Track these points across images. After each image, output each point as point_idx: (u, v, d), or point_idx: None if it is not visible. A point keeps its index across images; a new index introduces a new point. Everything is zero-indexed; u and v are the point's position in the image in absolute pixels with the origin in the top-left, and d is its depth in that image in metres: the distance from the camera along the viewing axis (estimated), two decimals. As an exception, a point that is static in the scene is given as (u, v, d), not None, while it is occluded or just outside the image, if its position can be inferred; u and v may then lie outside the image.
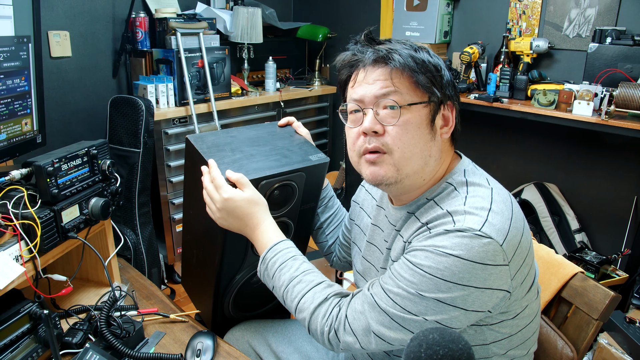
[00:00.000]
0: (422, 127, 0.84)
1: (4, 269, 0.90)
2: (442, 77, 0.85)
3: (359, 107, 0.87)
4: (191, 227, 1.23)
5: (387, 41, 0.88)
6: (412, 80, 0.83)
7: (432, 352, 0.61)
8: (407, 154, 0.83)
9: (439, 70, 0.85)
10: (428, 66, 0.84)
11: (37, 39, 1.26)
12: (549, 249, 1.10)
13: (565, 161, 2.38)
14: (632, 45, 1.90)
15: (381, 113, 0.84)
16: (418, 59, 0.84)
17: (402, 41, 0.88)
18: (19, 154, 1.26)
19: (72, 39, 2.19)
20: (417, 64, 0.83)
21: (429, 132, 0.85)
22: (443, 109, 0.87)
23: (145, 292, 1.29)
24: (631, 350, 1.58)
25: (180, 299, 2.40)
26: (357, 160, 0.89)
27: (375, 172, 0.85)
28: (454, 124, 0.89)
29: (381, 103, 0.84)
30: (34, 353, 0.96)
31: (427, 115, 0.84)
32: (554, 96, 2.01)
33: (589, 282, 0.99)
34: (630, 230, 2.14)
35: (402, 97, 0.83)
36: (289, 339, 1.18)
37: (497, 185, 0.87)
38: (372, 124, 0.83)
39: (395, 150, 0.83)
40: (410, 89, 0.84)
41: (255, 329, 1.20)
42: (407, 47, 0.85)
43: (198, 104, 2.33)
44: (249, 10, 2.53)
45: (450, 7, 2.58)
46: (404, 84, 0.83)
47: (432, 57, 0.86)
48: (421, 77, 0.83)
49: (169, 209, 2.33)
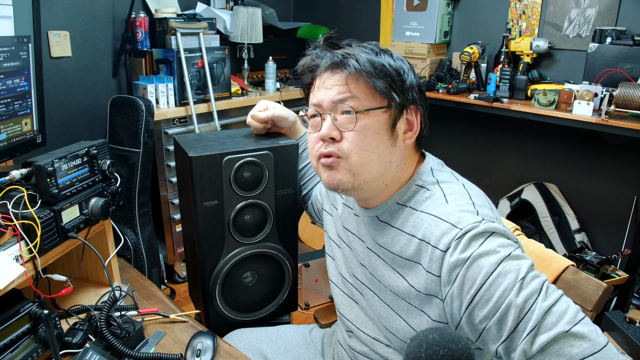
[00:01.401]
0: (381, 132, 0.82)
1: (4, 269, 0.90)
2: (403, 81, 0.83)
3: (317, 112, 0.86)
4: (186, 224, 1.25)
5: (347, 45, 0.87)
6: (369, 86, 0.81)
7: (432, 352, 0.61)
8: (364, 159, 0.82)
9: (400, 74, 0.83)
10: (388, 70, 0.82)
11: (37, 39, 1.25)
12: (539, 244, 1.10)
13: (565, 161, 2.38)
14: (632, 45, 1.90)
15: (339, 119, 0.83)
16: (377, 63, 0.81)
17: (363, 44, 0.86)
18: (19, 154, 1.26)
19: (72, 39, 2.19)
20: (375, 69, 0.81)
21: (388, 137, 0.83)
22: (406, 114, 0.86)
23: (145, 292, 1.29)
24: (631, 350, 1.58)
25: (180, 299, 2.40)
26: (316, 165, 0.88)
27: (332, 177, 0.84)
28: (419, 129, 0.88)
29: (339, 108, 0.82)
30: (34, 353, 0.96)
31: (387, 120, 0.83)
32: (554, 96, 2.01)
33: (580, 275, 0.99)
34: (630, 230, 2.14)
35: (359, 102, 0.81)
36: (285, 348, 1.17)
37: (463, 179, 0.88)
38: (329, 130, 0.83)
39: (351, 155, 0.82)
40: (367, 94, 0.82)
41: (248, 339, 1.19)
42: (368, 51, 0.84)
43: (198, 104, 2.33)
44: (249, 10, 2.53)
45: (450, 7, 2.58)
46: (361, 89, 0.82)
47: (395, 61, 0.84)
48: (379, 82, 0.81)
49: (169, 209, 2.33)
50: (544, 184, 2.39)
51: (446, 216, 0.79)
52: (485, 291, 0.72)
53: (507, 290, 0.70)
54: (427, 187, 0.86)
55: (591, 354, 0.65)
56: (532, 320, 0.68)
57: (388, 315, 0.89)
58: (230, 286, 1.20)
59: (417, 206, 0.84)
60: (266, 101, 1.22)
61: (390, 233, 0.88)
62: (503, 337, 0.71)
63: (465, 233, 0.75)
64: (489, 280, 0.72)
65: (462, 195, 0.83)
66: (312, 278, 2.30)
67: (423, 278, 0.80)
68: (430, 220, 0.80)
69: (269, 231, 1.20)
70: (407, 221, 0.85)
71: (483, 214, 0.78)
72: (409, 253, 0.83)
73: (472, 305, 0.73)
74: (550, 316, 0.68)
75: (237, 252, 1.17)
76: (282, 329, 1.24)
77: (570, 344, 0.66)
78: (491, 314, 0.71)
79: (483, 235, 0.75)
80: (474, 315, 0.74)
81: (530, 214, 2.37)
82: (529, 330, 0.68)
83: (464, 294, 0.74)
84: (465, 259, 0.73)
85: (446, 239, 0.76)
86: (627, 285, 1.95)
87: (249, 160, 1.11)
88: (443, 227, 0.78)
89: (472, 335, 0.77)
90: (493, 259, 0.72)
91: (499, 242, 0.74)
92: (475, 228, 0.75)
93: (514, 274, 0.71)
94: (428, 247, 0.79)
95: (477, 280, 0.72)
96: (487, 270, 0.72)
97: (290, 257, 1.25)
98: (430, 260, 0.79)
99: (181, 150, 1.14)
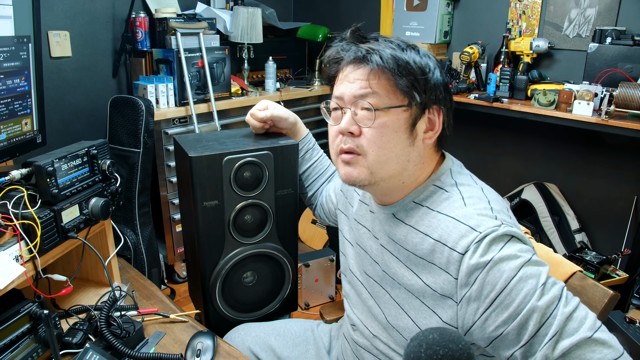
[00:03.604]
0: (400, 131, 0.81)
1: (4, 269, 0.90)
2: (427, 80, 0.81)
3: (338, 105, 0.86)
4: (186, 224, 1.25)
5: (372, 39, 0.85)
6: (391, 83, 0.80)
7: (432, 352, 0.61)
8: (382, 157, 0.81)
9: (425, 72, 0.81)
10: (411, 68, 0.80)
11: (37, 39, 1.25)
12: (548, 248, 1.10)
13: (565, 161, 2.38)
14: (632, 45, 1.90)
15: (359, 114, 0.82)
16: (401, 60, 0.79)
17: (390, 39, 0.84)
18: (19, 154, 1.26)
19: (72, 39, 2.19)
20: (399, 66, 0.79)
21: (407, 136, 0.82)
22: (428, 113, 0.84)
23: (145, 292, 1.29)
24: (631, 350, 1.58)
25: (180, 299, 2.40)
26: (335, 158, 0.89)
27: (349, 173, 0.85)
28: (441, 129, 0.86)
29: (359, 104, 0.82)
30: (34, 353, 0.96)
31: (407, 119, 0.81)
32: (554, 96, 2.01)
33: (587, 281, 0.99)
34: (630, 230, 2.14)
35: (379, 99, 0.80)
36: (293, 342, 1.17)
37: (482, 182, 0.88)
38: (349, 124, 0.82)
39: (369, 153, 0.82)
40: (389, 92, 0.80)
41: (255, 333, 1.19)
42: (393, 47, 0.81)
43: (198, 104, 2.33)
44: (249, 10, 2.53)
45: (450, 7, 2.58)
46: (382, 85, 0.80)
47: (421, 58, 0.82)
48: (401, 80, 0.79)
49: (169, 209, 2.33)
50: (544, 184, 2.39)
51: (465, 219, 0.78)
52: (506, 295, 0.72)
53: (529, 295, 0.70)
54: (445, 188, 0.85)
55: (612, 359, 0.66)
56: (554, 325, 0.69)
57: (396, 314, 0.89)
58: (230, 286, 1.20)
59: (434, 207, 0.84)
60: (267, 101, 1.22)
61: (403, 230, 0.87)
62: (522, 342, 0.71)
63: (484, 236, 0.74)
64: (510, 285, 0.71)
65: (481, 199, 0.82)
66: (312, 278, 2.30)
67: (440, 278, 0.79)
68: (447, 222, 0.79)
69: (269, 231, 1.20)
70: (422, 220, 0.84)
71: (501, 218, 0.78)
72: (421, 252, 0.83)
73: (491, 309, 0.73)
74: (571, 322, 0.69)
75: (237, 252, 1.17)
76: (289, 323, 1.23)
77: (592, 349, 0.67)
78: (511, 319, 0.71)
79: (502, 239, 0.74)
80: (491, 320, 0.73)
81: (530, 214, 2.37)
82: (551, 336, 0.68)
83: (482, 297, 0.74)
84: (485, 263, 0.73)
85: (465, 241, 0.76)
86: (627, 285, 1.95)
87: (249, 160, 1.11)
88: (461, 229, 0.77)
89: (482, 341, 0.77)
90: (514, 263, 0.72)
91: (518, 247, 0.74)
92: (494, 232, 0.74)
93: (534, 280, 0.71)
94: (444, 248, 0.78)
95: (497, 284, 0.72)
96: (508, 274, 0.72)
97: (290, 257, 1.25)
98: (447, 262, 0.78)
99: (181, 150, 1.14)
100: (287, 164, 1.18)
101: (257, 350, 1.15)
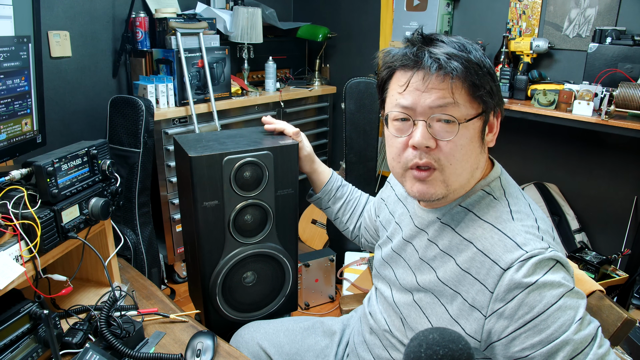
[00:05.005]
0: (474, 140, 0.78)
1: (4, 269, 0.90)
2: (497, 85, 0.79)
3: (408, 116, 0.79)
4: (186, 224, 1.25)
5: (439, 40, 0.78)
6: (469, 92, 0.76)
7: (432, 352, 0.61)
8: (459, 169, 0.78)
9: (494, 77, 0.78)
10: (485, 75, 0.76)
11: (37, 39, 1.25)
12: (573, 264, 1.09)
13: (565, 161, 2.38)
14: (632, 45, 1.90)
15: (434, 126, 0.76)
16: (483, 67, 0.76)
17: (453, 39, 0.78)
18: (19, 154, 1.26)
19: (72, 39, 2.19)
20: (478, 75, 0.75)
21: (479, 144, 0.80)
22: (492, 117, 0.82)
23: (145, 292, 1.29)
24: (631, 350, 1.58)
25: (180, 299, 2.40)
26: (402, 172, 0.82)
27: (424, 191, 0.80)
28: (498, 130, 0.84)
29: (436, 116, 0.76)
30: (34, 353, 0.96)
31: (480, 127, 0.79)
32: (554, 96, 2.01)
33: (604, 302, 0.97)
34: (630, 230, 2.14)
35: (459, 110, 0.75)
36: (302, 334, 1.17)
37: (528, 197, 0.86)
38: (425, 139, 0.76)
39: (447, 167, 0.77)
40: (467, 101, 0.76)
41: (264, 330, 1.18)
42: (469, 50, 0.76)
43: (198, 104, 2.33)
44: (249, 10, 2.53)
45: (450, 7, 2.58)
46: (462, 96, 0.75)
47: (485, 58, 0.78)
48: (481, 89, 0.75)
49: (169, 209, 2.33)
50: (544, 184, 2.39)
51: (511, 234, 0.76)
52: (542, 320, 0.71)
53: (565, 325, 0.70)
54: (493, 194, 0.83)
55: None
56: None
57: (417, 316, 0.88)
58: (230, 286, 1.20)
59: (481, 214, 0.81)
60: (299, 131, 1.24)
61: (448, 235, 0.85)
62: None
63: (531, 257, 0.73)
64: (549, 311, 0.70)
65: (529, 216, 0.80)
66: (312, 278, 2.30)
67: (473, 288, 0.78)
68: (493, 234, 0.78)
69: (269, 231, 1.20)
70: (468, 227, 0.81)
71: (547, 240, 0.76)
72: (460, 259, 0.81)
73: (522, 331, 0.72)
74: None
75: (237, 252, 1.17)
76: (298, 320, 1.23)
77: None
78: (541, 344, 0.70)
79: (548, 263, 0.73)
80: (519, 341, 0.72)
81: (530, 214, 2.37)
82: None
83: (516, 317, 0.72)
84: (528, 284, 0.71)
85: (509, 257, 0.74)
86: (627, 285, 1.95)
87: (249, 160, 1.11)
88: (507, 244, 0.75)
89: (501, 357, 0.76)
90: (556, 291, 0.71)
91: (562, 275, 0.73)
92: (541, 254, 0.73)
93: (573, 311, 0.71)
94: (485, 259, 0.76)
95: (535, 307, 0.71)
96: (548, 300, 0.71)
97: (290, 257, 1.25)
98: (486, 274, 0.76)
99: (181, 150, 1.14)
100: (287, 164, 1.18)
101: (265, 346, 1.15)
